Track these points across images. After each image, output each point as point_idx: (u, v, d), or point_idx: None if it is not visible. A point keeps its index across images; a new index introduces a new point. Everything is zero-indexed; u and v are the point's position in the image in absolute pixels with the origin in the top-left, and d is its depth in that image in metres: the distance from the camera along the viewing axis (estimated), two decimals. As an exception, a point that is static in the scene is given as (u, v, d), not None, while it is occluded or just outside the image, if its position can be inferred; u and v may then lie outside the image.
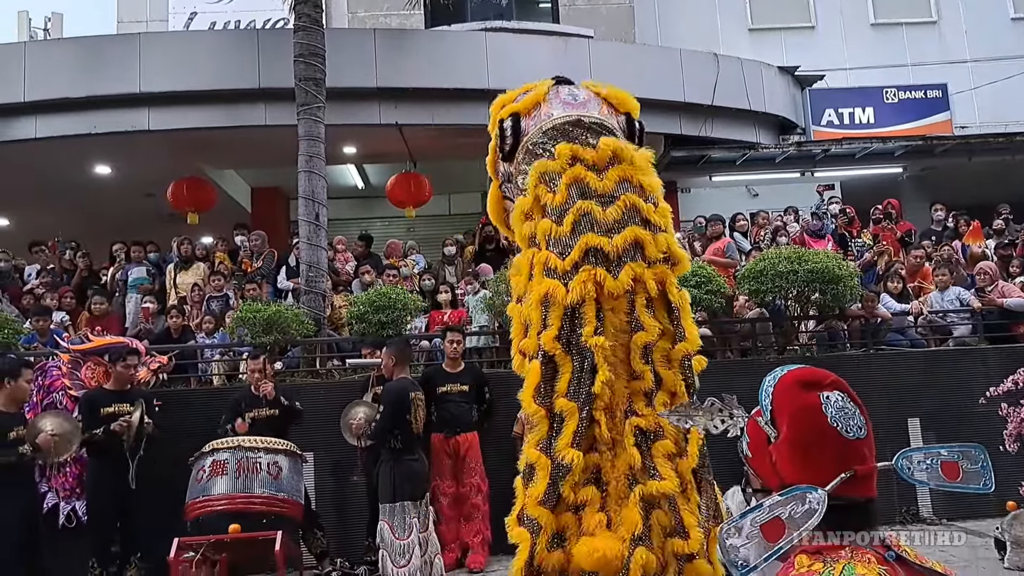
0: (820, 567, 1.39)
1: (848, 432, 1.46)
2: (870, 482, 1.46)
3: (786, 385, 1.54)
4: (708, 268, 8.28)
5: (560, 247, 3.31)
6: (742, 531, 1.46)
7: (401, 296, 8.07)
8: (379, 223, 15.21)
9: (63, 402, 6.60)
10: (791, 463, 1.50)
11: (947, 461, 1.49)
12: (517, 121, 3.64)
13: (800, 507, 1.43)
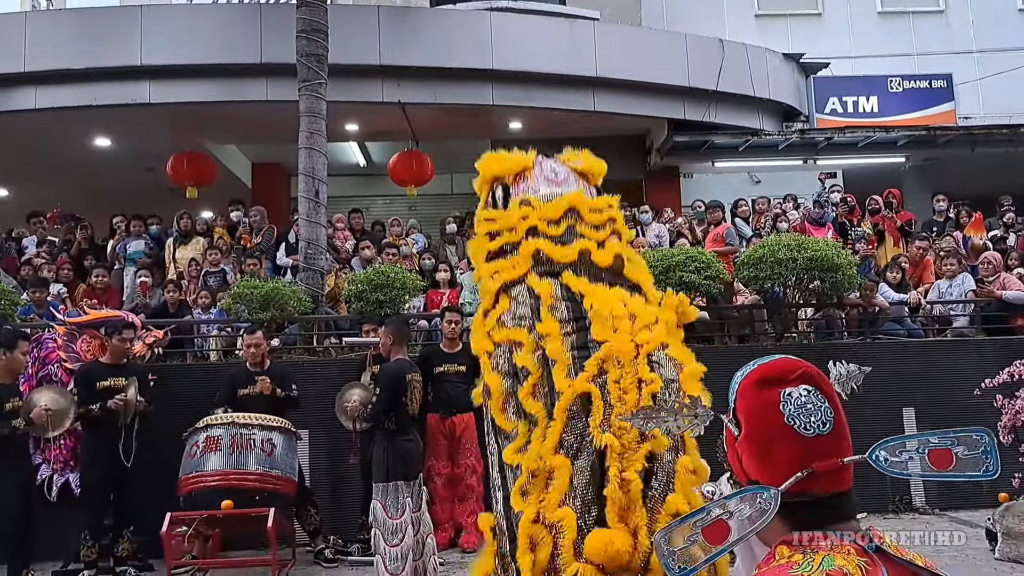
0: (800, 558, 1.39)
1: (807, 429, 1.44)
2: (838, 476, 1.44)
3: (748, 383, 1.53)
4: (707, 254, 8.27)
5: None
6: (683, 534, 1.46)
7: (400, 275, 8.07)
8: (380, 201, 15.19)
9: (59, 374, 6.61)
10: (752, 461, 1.50)
11: (936, 449, 1.47)
12: (507, 191, 3.88)
13: (749, 507, 1.42)
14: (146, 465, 6.28)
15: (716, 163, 13.94)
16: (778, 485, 1.42)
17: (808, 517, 1.44)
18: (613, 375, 3.07)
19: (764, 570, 1.43)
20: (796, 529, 1.44)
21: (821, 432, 1.44)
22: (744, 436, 1.51)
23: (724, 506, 1.45)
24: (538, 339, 3.28)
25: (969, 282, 8.86)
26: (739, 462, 1.55)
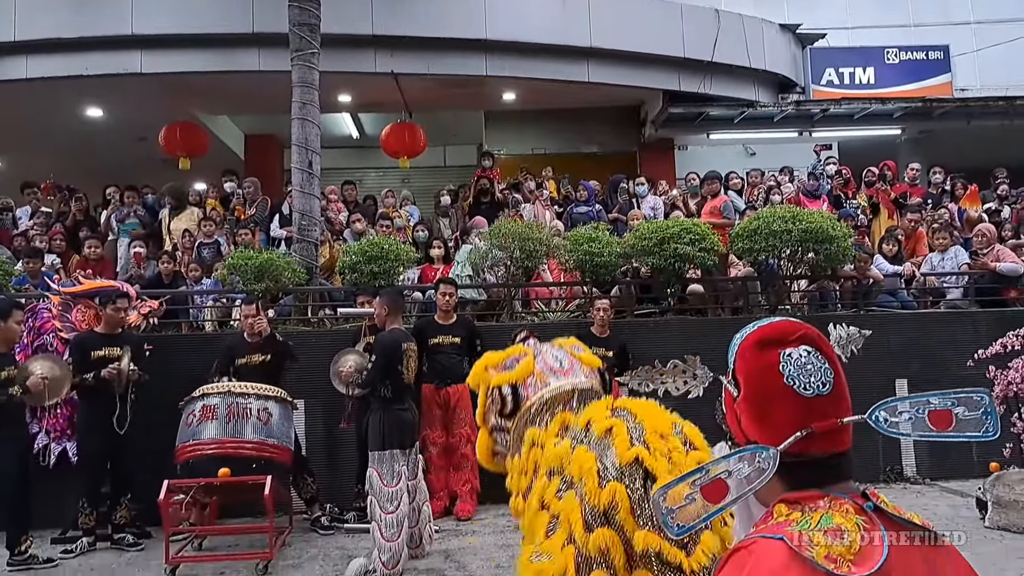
0: (798, 516, 1.40)
1: (807, 390, 1.44)
2: (837, 437, 1.44)
3: (748, 344, 1.53)
4: (702, 226, 8.26)
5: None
6: (680, 493, 1.47)
7: (394, 247, 8.05)
8: (373, 173, 15.12)
9: (54, 344, 6.60)
10: (750, 422, 1.50)
11: (937, 410, 1.47)
12: (515, 389, 4.03)
13: (747, 467, 1.43)
14: (143, 434, 6.30)
15: (711, 135, 13.89)
16: (777, 445, 1.42)
17: (806, 477, 1.45)
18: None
19: (762, 528, 1.44)
20: (794, 489, 1.45)
21: (821, 392, 1.45)
22: (743, 397, 1.52)
23: (722, 465, 1.45)
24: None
25: (962, 255, 8.88)
26: (738, 423, 1.56)
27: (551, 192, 11.14)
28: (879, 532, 1.36)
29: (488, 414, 4.11)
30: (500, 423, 4.03)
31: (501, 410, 3.99)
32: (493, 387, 4.06)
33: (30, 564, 5.77)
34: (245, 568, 5.62)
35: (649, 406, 3.26)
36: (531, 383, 4.07)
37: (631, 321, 8.12)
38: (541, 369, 4.10)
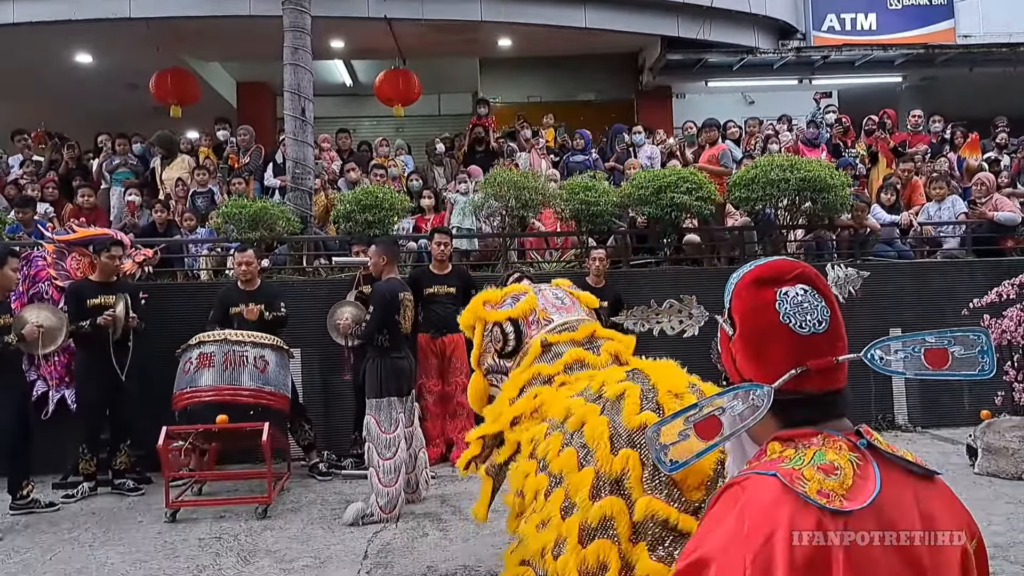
0: (791, 453, 1.40)
1: (803, 328, 1.43)
2: (832, 375, 1.44)
3: (745, 283, 1.52)
4: (699, 175, 8.22)
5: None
6: (674, 429, 1.47)
7: (388, 196, 7.99)
8: (367, 122, 14.96)
9: (49, 292, 6.58)
10: (746, 360, 1.49)
11: (933, 348, 1.47)
12: (517, 326, 3.98)
13: (741, 404, 1.43)
14: (141, 381, 6.33)
15: (709, 83, 13.73)
16: (772, 383, 1.42)
17: (800, 415, 1.45)
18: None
19: (755, 465, 1.44)
20: (788, 427, 1.45)
21: (816, 331, 1.44)
22: (739, 335, 1.51)
23: (716, 402, 1.45)
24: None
25: (960, 205, 8.85)
26: (733, 362, 1.55)
27: (548, 140, 11.03)
28: (872, 468, 1.37)
29: (484, 355, 4.06)
30: (498, 364, 3.98)
31: (501, 349, 3.94)
32: (492, 324, 4.00)
33: (32, 508, 5.83)
34: (244, 512, 5.69)
35: (666, 367, 3.19)
36: (533, 320, 4.01)
37: (627, 271, 8.11)
38: (543, 306, 4.05)
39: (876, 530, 1.30)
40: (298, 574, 4.45)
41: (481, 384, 4.09)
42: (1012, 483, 5.92)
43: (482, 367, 4.08)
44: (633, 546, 2.82)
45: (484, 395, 4.10)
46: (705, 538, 1.36)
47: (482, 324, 4.08)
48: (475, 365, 4.13)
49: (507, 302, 4.10)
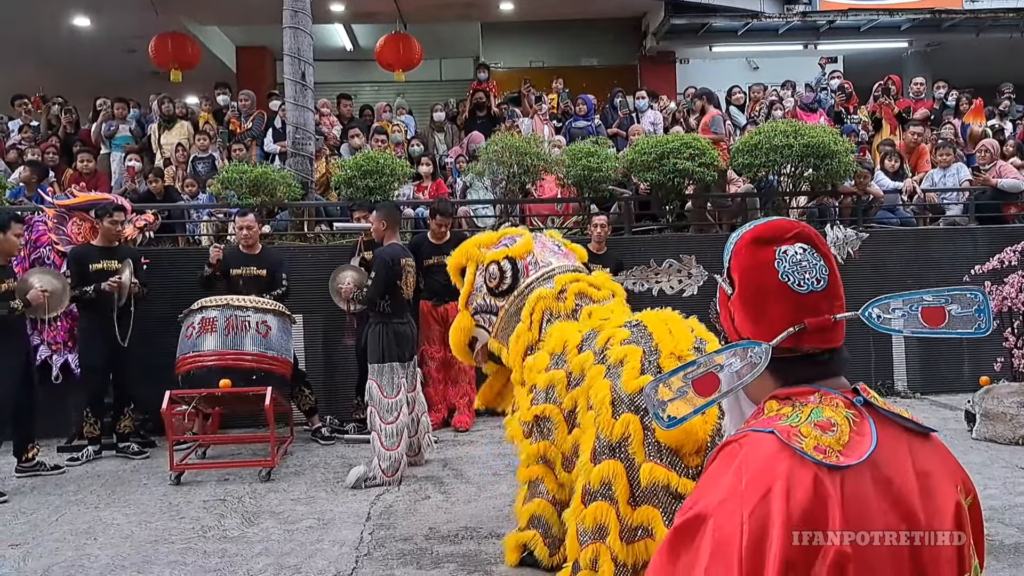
0: (788, 411, 1.41)
1: (801, 286, 1.43)
2: (830, 333, 1.44)
3: (744, 242, 1.52)
4: (702, 140, 8.17)
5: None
6: (672, 386, 1.48)
7: (389, 161, 7.95)
8: (368, 87, 14.86)
9: (50, 257, 6.59)
10: (745, 319, 1.50)
11: (930, 307, 1.48)
12: (515, 264, 4.04)
13: (739, 361, 1.43)
14: (143, 346, 6.37)
15: (714, 48, 13.60)
16: (770, 341, 1.43)
17: (798, 373, 1.46)
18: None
19: (752, 423, 1.45)
20: (786, 385, 1.46)
21: (815, 289, 1.44)
22: (737, 294, 1.51)
23: (715, 360, 1.46)
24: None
25: (964, 172, 8.80)
26: (731, 321, 1.56)
27: (551, 106, 10.94)
28: (868, 425, 1.38)
29: (475, 294, 4.12)
30: (489, 303, 4.04)
31: (498, 285, 3.99)
32: (489, 262, 4.05)
33: (38, 471, 5.90)
34: (248, 475, 5.75)
35: (669, 319, 3.23)
36: (531, 261, 4.09)
37: (629, 238, 8.10)
38: (540, 249, 4.12)
39: (872, 485, 1.32)
40: (302, 535, 4.51)
41: (468, 323, 4.15)
42: (1009, 448, 5.97)
43: (470, 307, 4.14)
44: (633, 510, 2.87)
45: (468, 334, 4.18)
46: (703, 494, 1.38)
47: (474, 264, 4.14)
48: (462, 305, 4.18)
49: (503, 242, 4.15)
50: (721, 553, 1.28)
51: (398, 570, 3.97)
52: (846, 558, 1.25)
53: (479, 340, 4.21)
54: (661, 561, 1.39)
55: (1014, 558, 3.93)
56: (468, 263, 4.20)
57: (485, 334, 4.18)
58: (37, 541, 4.55)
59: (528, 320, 3.80)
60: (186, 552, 4.30)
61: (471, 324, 4.16)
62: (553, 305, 3.81)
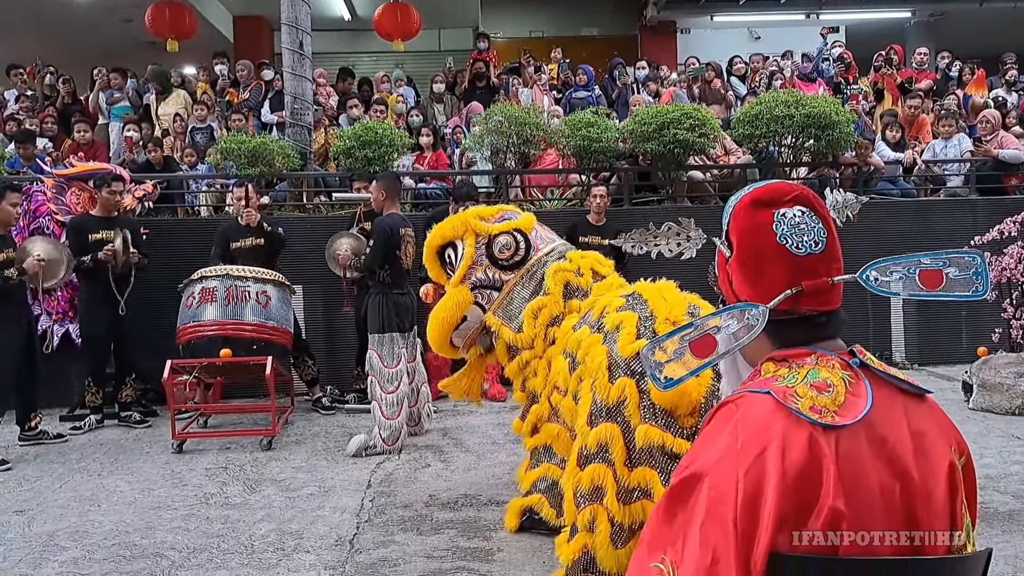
0: (785, 372, 1.42)
1: (799, 248, 1.44)
2: (827, 296, 1.45)
3: (743, 204, 1.52)
4: (702, 111, 8.12)
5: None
6: (669, 348, 1.49)
7: (388, 132, 7.92)
8: (366, 58, 14.74)
9: (50, 227, 6.59)
10: (743, 281, 1.50)
11: (927, 270, 1.48)
12: (527, 237, 3.98)
13: (736, 323, 1.44)
14: (144, 316, 6.39)
15: (715, 17, 13.50)
16: (767, 304, 1.44)
17: (795, 335, 1.47)
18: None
19: (749, 384, 1.47)
20: (782, 347, 1.47)
21: (813, 251, 1.45)
22: (735, 257, 1.52)
23: (712, 322, 1.47)
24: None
25: (966, 143, 8.76)
26: (729, 284, 1.57)
27: (551, 76, 10.86)
28: (864, 385, 1.39)
29: (474, 268, 3.98)
30: (492, 277, 3.95)
31: (511, 256, 3.92)
32: (499, 234, 3.97)
33: (40, 439, 5.94)
34: (249, 444, 5.79)
35: (664, 289, 3.24)
36: (537, 236, 4.05)
37: (629, 209, 8.08)
38: (539, 225, 4.12)
39: (867, 444, 1.33)
40: (304, 502, 4.55)
41: (467, 297, 3.97)
42: (1005, 418, 6.01)
43: (468, 280, 3.99)
44: (629, 471, 2.90)
45: (463, 310, 3.98)
46: (700, 453, 1.40)
47: (473, 237, 4.02)
48: (458, 279, 4.00)
49: (504, 216, 4.08)
50: (717, 511, 1.30)
51: (399, 536, 4.01)
52: (840, 515, 1.27)
53: (470, 319, 4.03)
54: (657, 520, 1.41)
55: (1008, 524, 3.98)
56: (466, 236, 4.05)
57: (479, 312, 4.01)
58: (41, 507, 4.59)
59: (553, 292, 3.77)
60: (189, 518, 4.35)
61: (470, 299, 3.99)
62: (572, 279, 3.80)
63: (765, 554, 1.25)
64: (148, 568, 3.71)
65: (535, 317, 3.76)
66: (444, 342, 4.11)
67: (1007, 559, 3.51)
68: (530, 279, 3.89)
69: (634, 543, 2.80)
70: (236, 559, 3.79)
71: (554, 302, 3.74)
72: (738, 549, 1.26)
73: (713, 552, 1.27)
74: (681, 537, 1.33)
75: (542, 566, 3.56)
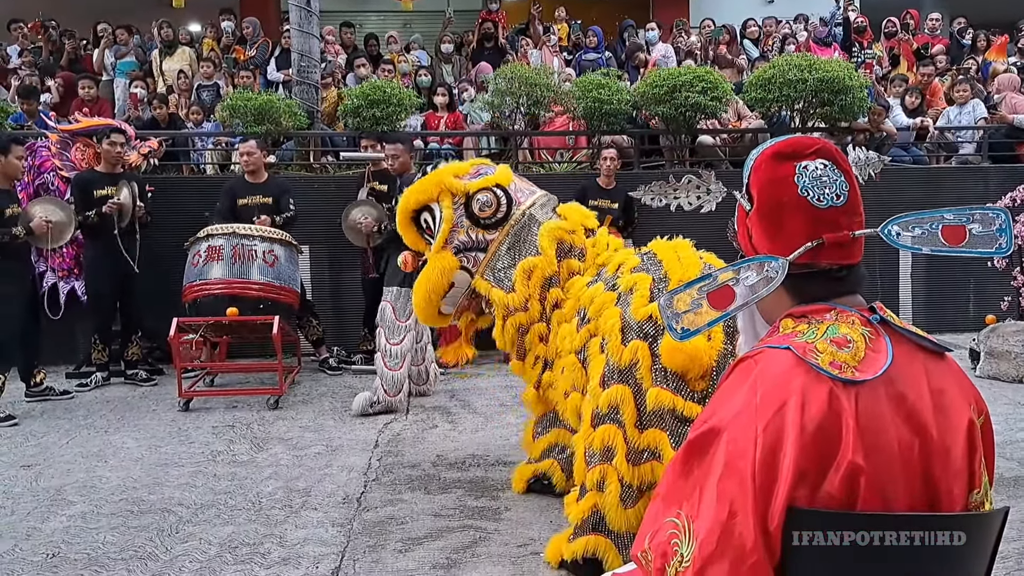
0: (804, 328, 1.41)
1: (821, 201, 1.42)
2: (848, 249, 1.43)
3: (764, 157, 1.50)
4: (714, 74, 8.02)
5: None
6: (687, 299, 1.47)
7: (396, 91, 7.84)
8: (374, 16, 14.55)
9: (55, 183, 6.55)
10: (763, 234, 1.48)
11: (950, 225, 1.45)
12: (507, 192, 3.73)
13: (755, 275, 1.42)
14: (150, 274, 6.37)
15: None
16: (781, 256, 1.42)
17: (815, 289, 1.45)
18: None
19: (768, 340, 1.45)
20: (802, 303, 1.46)
21: (835, 204, 1.43)
22: (756, 209, 1.50)
23: (730, 273, 1.45)
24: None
25: (981, 109, 8.65)
26: (749, 238, 1.55)
27: (560, 37, 10.71)
28: (884, 342, 1.38)
29: (456, 231, 3.71)
30: (476, 238, 3.71)
31: (492, 214, 3.68)
32: (477, 191, 3.71)
33: (47, 396, 5.96)
34: (256, 403, 5.81)
35: (680, 248, 3.17)
36: (516, 188, 3.81)
37: (638, 172, 8.02)
38: (517, 177, 3.91)
39: (886, 400, 1.32)
40: (311, 460, 4.57)
41: (452, 263, 3.70)
42: (1012, 386, 6.01)
43: (450, 245, 3.72)
44: (640, 433, 2.90)
45: (451, 276, 3.72)
46: (718, 408, 1.38)
47: (450, 197, 3.73)
48: (440, 245, 3.71)
49: (481, 171, 3.83)
50: (734, 465, 1.29)
51: (406, 495, 4.03)
52: (859, 470, 1.26)
53: (457, 285, 3.77)
54: (674, 474, 1.40)
55: (1013, 490, 3.99)
56: (441, 197, 3.76)
57: (466, 276, 3.76)
58: (48, 463, 4.62)
59: (547, 252, 3.57)
60: (196, 475, 4.37)
61: (456, 264, 3.71)
62: (566, 237, 3.62)
63: (783, 508, 1.24)
64: (156, 523, 3.73)
65: (528, 277, 3.56)
66: (433, 312, 3.87)
67: (1012, 524, 3.51)
68: (516, 235, 3.67)
69: (643, 503, 2.82)
70: (243, 515, 3.81)
71: (547, 262, 3.54)
72: (756, 503, 1.25)
73: (730, 506, 1.26)
74: (698, 491, 1.32)
75: (549, 525, 3.57)
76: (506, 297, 3.60)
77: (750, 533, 1.24)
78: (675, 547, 1.31)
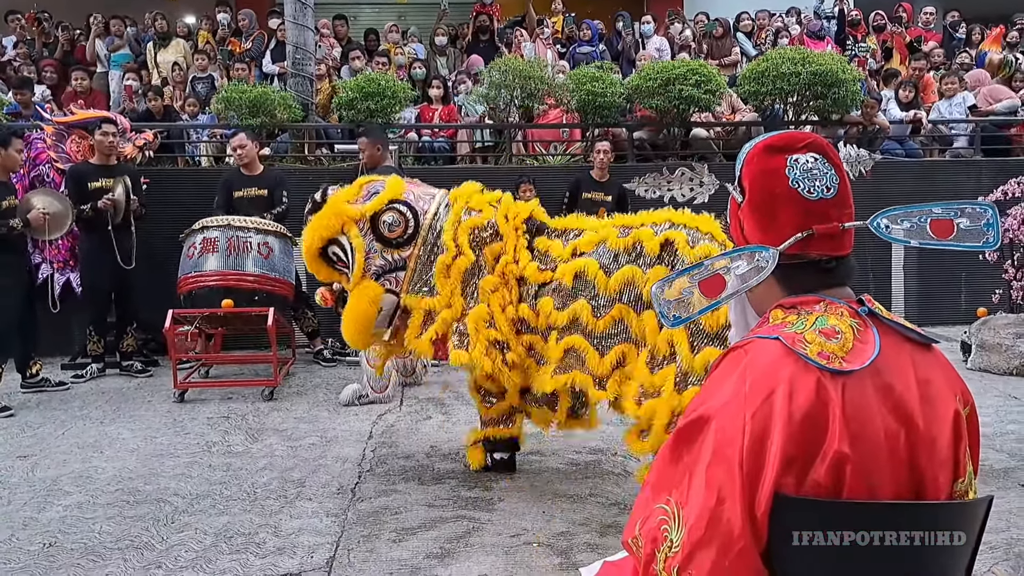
0: (794, 319, 1.43)
1: (811, 193, 1.44)
2: (838, 241, 1.46)
3: (756, 150, 1.52)
4: (708, 67, 8.04)
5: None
6: (679, 287, 1.50)
7: (391, 84, 7.83)
8: (368, 9, 14.51)
9: (50, 175, 6.53)
10: (754, 226, 1.51)
11: (939, 219, 1.48)
12: (409, 205, 3.77)
13: (746, 264, 1.45)
14: (145, 266, 6.38)
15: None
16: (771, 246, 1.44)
17: (804, 280, 1.47)
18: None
19: (757, 330, 1.47)
20: (791, 294, 1.48)
21: (825, 196, 1.45)
22: (747, 201, 1.52)
23: (722, 262, 1.48)
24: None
25: (970, 101, 8.70)
26: (740, 230, 1.57)
27: (555, 29, 10.69)
28: (872, 333, 1.40)
29: (371, 257, 3.76)
30: (392, 259, 3.77)
31: (403, 232, 3.74)
32: (379, 212, 3.75)
33: (42, 387, 5.97)
34: (251, 394, 5.83)
35: (701, 220, 3.46)
36: (416, 197, 3.84)
37: (632, 166, 8.03)
38: (409, 184, 3.92)
39: (873, 391, 1.34)
40: (306, 451, 4.59)
41: (377, 290, 3.75)
42: (1003, 378, 6.05)
43: (368, 273, 3.77)
44: None
45: (378, 302, 3.75)
46: (707, 397, 1.41)
47: (355, 226, 3.76)
48: (358, 276, 3.74)
49: (373, 189, 3.85)
50: (723, 453, 1.31)
51: (400, 485, 4.05)
52: (845, 458, 1.28)
53: (384, 308, 3.80)
54: (663, 462, 1.42)
55: (1003, 481, 4.03)
56: (346, 227, 3.77)
57: (392, 298, 3.80)
58: (44, 453, 4.63)
59: (454, 247, 3.67)
60: (191, 466, 4.39)
61: (380, 290, 3.76)
62: (479, 221, 3.72)
63: (769, 495, 1.27)
64: (151, 513, 3.75)
65: (447, 276, 3.69)
66: (367, 340, 3.91)
67: (1000, 514, 3.55)
68: (432, 244, 3.75)
69: None
70: (238, 505, 3.83)
71: (463, 261, 3.68)
72: (743, 490, 1.28)
73: (718, 493, 1.29)
74: (687, 478, 1.35)
75: (542, 516, 3.61)
76: (434, 301, 3.76)
77: (738, 519, 1.27)
78: (665, 533, 1.33)
